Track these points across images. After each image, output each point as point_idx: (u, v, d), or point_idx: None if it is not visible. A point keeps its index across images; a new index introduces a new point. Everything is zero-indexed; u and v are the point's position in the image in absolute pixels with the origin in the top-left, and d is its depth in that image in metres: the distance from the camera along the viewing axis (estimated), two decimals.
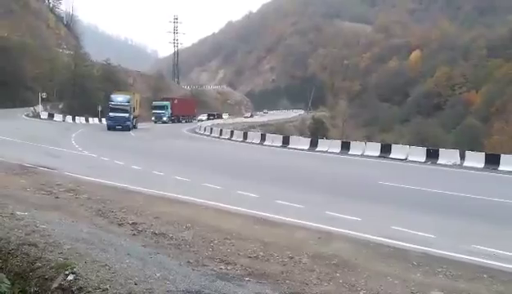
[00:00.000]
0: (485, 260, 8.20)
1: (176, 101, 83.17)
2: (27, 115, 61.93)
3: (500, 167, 24.82)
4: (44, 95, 67.28)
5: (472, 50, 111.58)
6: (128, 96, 52.07)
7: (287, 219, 10.75)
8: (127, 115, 49.85)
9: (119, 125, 48.87)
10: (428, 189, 17.03)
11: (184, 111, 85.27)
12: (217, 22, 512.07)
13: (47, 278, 6.08)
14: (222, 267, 6.98)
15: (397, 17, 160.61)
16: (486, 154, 27.41)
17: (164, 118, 75.92)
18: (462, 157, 27.28)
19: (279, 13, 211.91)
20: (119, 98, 50.82)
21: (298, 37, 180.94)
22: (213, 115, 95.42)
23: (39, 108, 66.62)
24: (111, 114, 49.62)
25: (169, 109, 77.85)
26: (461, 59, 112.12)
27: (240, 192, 14.18)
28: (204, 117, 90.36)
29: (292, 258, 7.68)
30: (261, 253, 7.87)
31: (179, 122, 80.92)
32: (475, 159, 26.53)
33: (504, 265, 7.98)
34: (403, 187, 17.60)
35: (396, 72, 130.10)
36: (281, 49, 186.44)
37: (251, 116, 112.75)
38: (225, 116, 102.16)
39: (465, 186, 18.58)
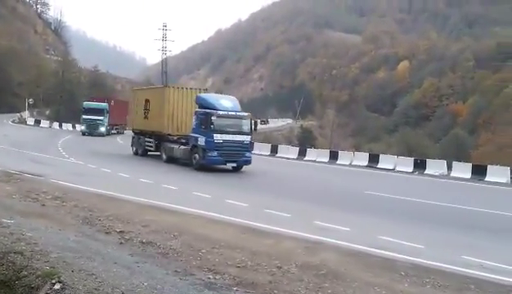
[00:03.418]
0: (472, 271, 8.22)
1: (113, 103, 55.57)
2: (13, 121, 61.52)
3: (487, 178, 25.03)
4: (31, 101, 66.87)
5: (459, 61, 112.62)
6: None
7: (276, 228, 10.71)
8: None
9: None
10: (416, 200, 17.12)
11: (118, 118, 55.93)
12: (206, 30, 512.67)
13: (33, 287, 6.02)
14: (210, 276, 6.93)
15: (386, 28, 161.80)
16: (473, 165, 27.66)
17: (102, 129, 50.18)
18: (449, 167, 27.51)
19: (268, 22, 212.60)
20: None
21: (287, 46, 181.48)
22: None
23: (26, 114, 66.18)
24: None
25: (108, 115, 51.39)
26: (449, 70, 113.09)
27: (228, 201, 14.14)
28: None
29: (280, 268, 7.65)
30: (249, 263, 7.83)
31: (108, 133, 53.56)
32: (462, 170, 26.75)
33: (491, 276, 8.01)
34: (391, 197, 17.67)
35: (384, 82, 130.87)
36: (270, 58, 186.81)
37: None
38: None
39: (452, 197, 18.67)
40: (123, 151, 31.58)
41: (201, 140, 22.29)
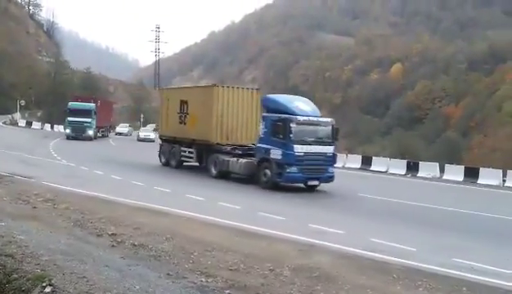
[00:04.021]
0: (464, 273, 8.24)
1: (99, 104, 50.24)
2: (4, 123, 61.19)
3: (479, 181, 25.12)
4: (23, 102, 66.54)
5: (452, 64, 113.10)
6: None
7: (269, 231, 10.71)
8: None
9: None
10: (409, 202, 17.18)
11: (104, 120, 51.94)
12: (199, 32, 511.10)
13: (23, 290, 5.98)
14: (202, 279, 6.91)
15: (379, 30, 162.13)
16: (465, 168, 27.76)
17: (90, 132, 44.46)
18: (442, 170, 27.59)
19: (261, 24, 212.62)
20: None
21: (281, 48, 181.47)
22: None
23: (17, 115, 65.83)
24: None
25: (96, 117, 46.03)
26: (442, 72, 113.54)
27: (221, 203, 14.12)
28: (124, 128, 64.15)
29: (273, 270, 7.63)
30: (242, 265, 7.80)
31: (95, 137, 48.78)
32: (455, 172, 26.85)
33: (482, 279, 8.03)
34: (384, 199, 17.71)
35: (377, 84, 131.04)
36: (263, 60, 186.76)
37: None
38: None
39: (445, 199, 18.71)
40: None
41: (275, 153, 18.11)
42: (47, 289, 5.80)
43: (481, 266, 8.75)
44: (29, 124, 61.71)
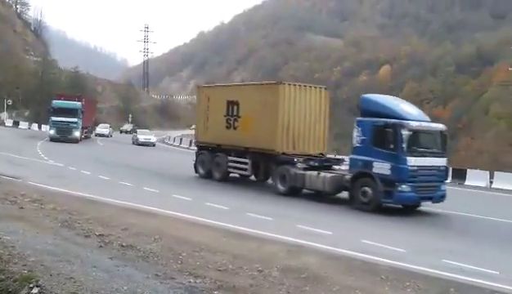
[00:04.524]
0: (453, 275, 8.29)
1: (84, 102, 45.12)
2: None
3: (467, 182, 25.35)
4: (10, 102, 65.98)
5: (440, 66, 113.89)
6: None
7: (257, 232, 10.71)
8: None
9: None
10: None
11: (87, 120, 47.24)
12: (188, 32, 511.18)
13: (10, 292, 5.93)
14: (190, 280, 6.88)
15: (368, 32, 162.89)
16: (453, 169, 27.88)
17: (76, 133, 40.50)
18: None
19: (250, 25, 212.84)
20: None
21: (270, 49, 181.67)
22: None
23: (4, 115, 65.27)
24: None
25: (82, 117, 41.91)
26: (430, 74, 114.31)
27: (209, 204, 14.09)
28: (105, 129, 60.72)
29: (261, 271, 7.63)
30: (230, 266, 7.79)
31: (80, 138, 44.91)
32: None
33: (470, 279, 8.09)
34: None
35: (366, 86, 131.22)
36: (252, 61, 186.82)
37: None
38: (194, 126, 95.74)
39: None
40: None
41: (381, 167, 14.94)
42: (35, 290, 5.75)
43: (470, 267, 8.82)
44: (16, 124, 61.31)
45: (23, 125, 61.17)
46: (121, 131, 73.42)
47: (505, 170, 28.91)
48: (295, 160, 17.77)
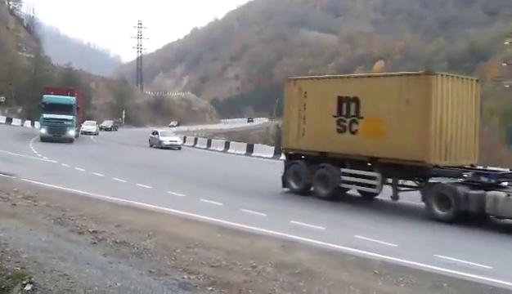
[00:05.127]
0: (446, 269, 8.32)
1: (76, 97, 40.20)
2: None
3: None
4: (2, 98, 65.75)
5: (434, 62, 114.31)
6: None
7: (251, 227, 10.71)
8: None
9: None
10: (392, 200, 17.20)
11: (80, 116, 44.50)
12: (182, 28, 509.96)
13: (3, 288, 5.90)
14: (184, 276, 6.88)
15: (361, 28, 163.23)
16: None
17: (71, 132, 37.29)
18: None
19: (244, 21, 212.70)
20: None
21: (264, 45, 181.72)
22: None
23: None
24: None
25: (77, 113, 38.57)
26: (423, 70, 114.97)
27: (203, 200, 14.08)
28: (91, 126, 56.01)
29: (255, 267, 7.63)
30: (224, 262, 7.79)
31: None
32: None
33: (464, 274, 8.11)
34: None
35: None
36: (246, 57, 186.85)
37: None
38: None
39: None
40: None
41: None
42: (28, 287, 5.74)
43: (463, 262, 8.86)
44: (9, 121, 61.05)
45: (16, 122, 60.98)
46: (101, 128, 64.56)
47: (498, 165, 28.96)
48: (465, 175, 13.48)
